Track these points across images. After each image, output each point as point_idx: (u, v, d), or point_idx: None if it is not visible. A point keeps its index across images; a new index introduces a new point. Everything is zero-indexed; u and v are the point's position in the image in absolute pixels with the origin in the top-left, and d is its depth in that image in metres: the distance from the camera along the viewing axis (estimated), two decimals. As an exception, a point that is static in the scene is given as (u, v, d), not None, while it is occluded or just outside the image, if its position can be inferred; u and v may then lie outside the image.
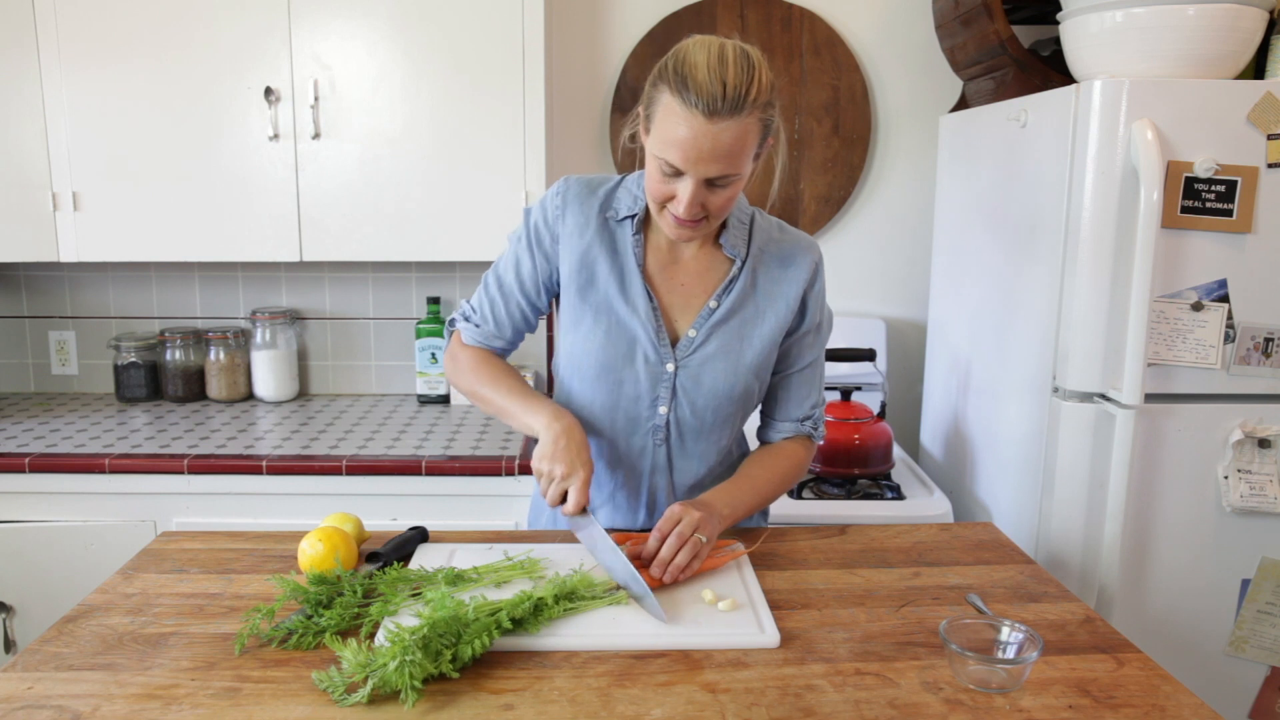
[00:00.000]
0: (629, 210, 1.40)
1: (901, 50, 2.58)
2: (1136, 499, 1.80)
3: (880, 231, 2.66)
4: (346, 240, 2.30)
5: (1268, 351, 1.77)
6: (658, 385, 1.40)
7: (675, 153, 1.21)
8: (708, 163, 1.21)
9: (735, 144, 1.20)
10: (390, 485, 2.09)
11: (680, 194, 1.24)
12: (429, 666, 1.01)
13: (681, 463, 1.45)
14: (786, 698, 1.03)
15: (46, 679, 1.05)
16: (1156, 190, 1.66)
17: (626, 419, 1.43)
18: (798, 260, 1.44)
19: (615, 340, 1.39)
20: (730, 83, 1.17)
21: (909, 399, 2.71)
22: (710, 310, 1.40)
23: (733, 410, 1.44)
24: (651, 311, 1.39)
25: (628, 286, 1.39)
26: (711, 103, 1.17)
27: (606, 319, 1.40)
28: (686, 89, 1.18)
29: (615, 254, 1.40)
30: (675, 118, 1.20)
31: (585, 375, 1.42)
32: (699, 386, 1.40)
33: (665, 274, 1.42)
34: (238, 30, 2.21)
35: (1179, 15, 1.72)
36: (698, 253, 1.42)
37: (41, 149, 2.25)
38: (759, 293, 1.42)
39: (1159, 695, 1.04)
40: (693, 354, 1.40)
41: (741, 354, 1.41)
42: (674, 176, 1.24)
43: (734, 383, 1.41)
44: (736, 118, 1.18)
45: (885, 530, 1.51)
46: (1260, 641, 1.85)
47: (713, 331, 1.40)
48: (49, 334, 2.67)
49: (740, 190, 1.30)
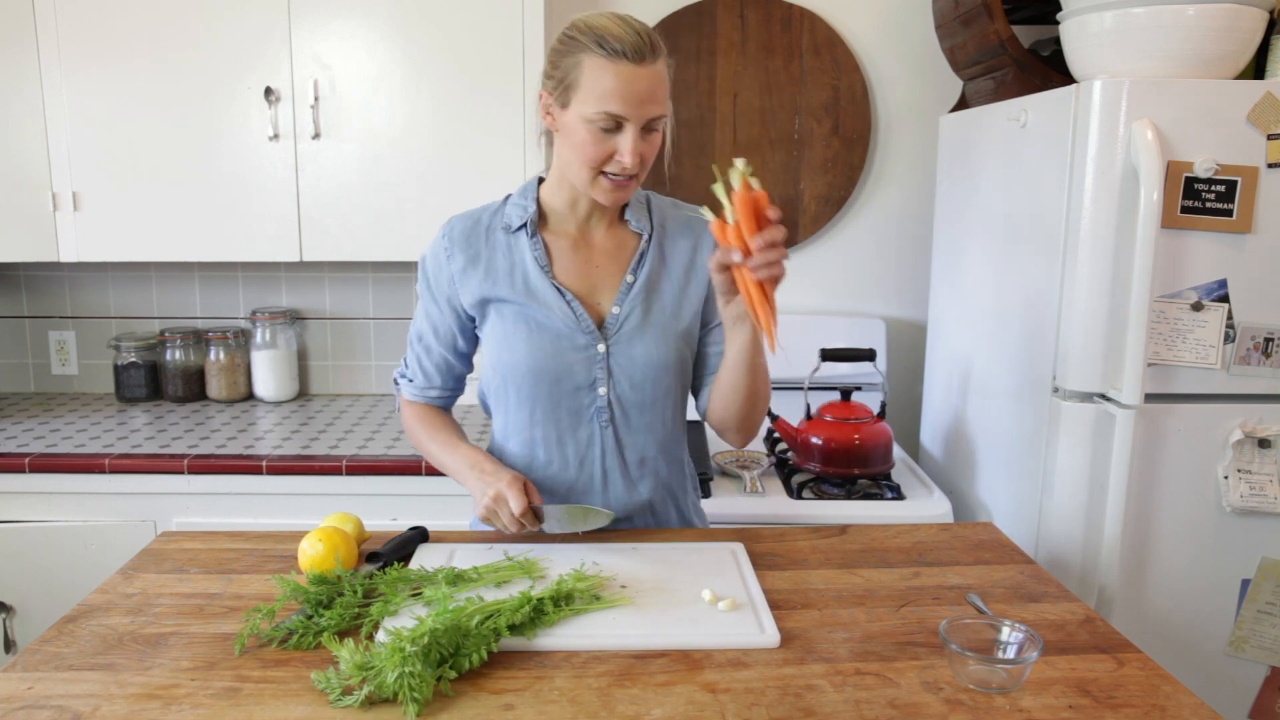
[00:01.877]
0: (520, 219, 1.45)
1: (901, 50, 2.58)
2: (1136, 499, 1.80)
3: (880, 231, 2.66)
4: (346, 240, 2.30)
5: (1268, 351, 1.77)
6: (593, 368, 1.44)
7: (616, 102, 1.27)
8: (646, 104, 1.29)
9: (661, 86, 1.31)
10: (390, 485, 2.09)
11: (622, 145, 1.30)
12: (429, 677, 1.01)
13: (629, 438, 1.47)
14: (786, 698, 1.03)
15: (46, 679, 1.05)
16: (1156, 190, 1.66)
17: (569, 413, 1.46)
18: (694, 226, 1.50)
19: (539, 343, 1.43)
20: (643, 32, 1.29)
21: (909, 399, 2.71)
22: (629, 285, 1.45)
23: (670, 380, 1.47)
24: (566, 304, 1.43)
25: (535, 289, 1.43)
26: (637, 48, 1.27)
27: (525, 326, 1.43)
28: (608, 43, 1.27)
29: (514, 265, 1.45)
30: (605, 72, 1.27)
31: (521, 384, 1.45)
32: (633, 360, 1.44)
33: (578, 261, 1.46)
34: (238, 30, 2.21)
35: (1179, 15, 1.72)
36: (606, 234, 1.48)
37: (41, 149, 2.25)
38: (670, 262, 1.48)
39: (1159, 695, 1.05)
40: (620, 329, 1.44)
41: (666, 322, 1.45)
42: (613, 131, 1.30)
43: (666, 350, 1.45)
44: (657, 60, 1.29)
45: (885, 530, 1.51)
46: (1260, 641, 1.86)
47: (635, 304, 1.45)
48: (49, 334, 2.67)
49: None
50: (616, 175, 1.33)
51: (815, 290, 2.68)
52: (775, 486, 2.13)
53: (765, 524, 1.92)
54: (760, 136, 2.58)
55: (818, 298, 2.69)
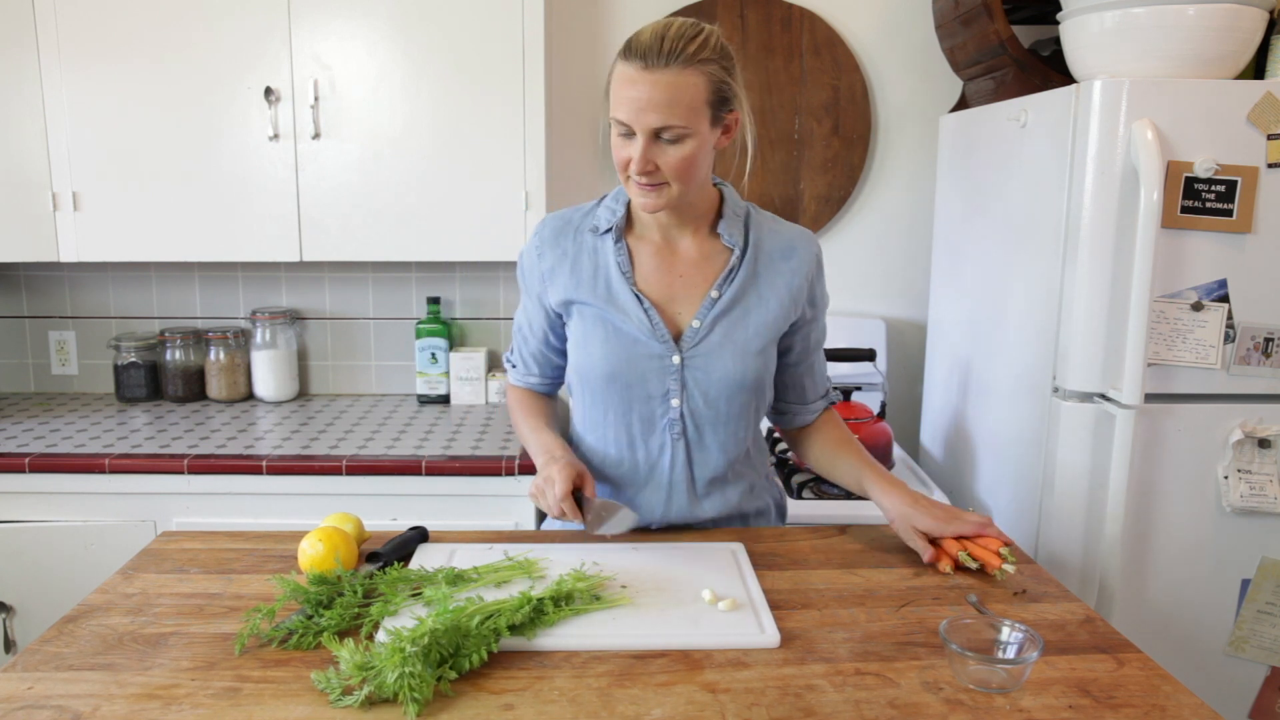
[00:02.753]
0: (608, 223, 1.46)
1: (901, 50, 2.58)
2: (1136, 499, 1.80)
3: (880, 231, 2.66)
4: (346, 240, 2.30)
5: (1268, 351, 1.77)
6: (666, 379, 1.43)
7: (621, 108, 1.28)
8: (648, 112, 1.26)
9: (674, 94, 1.26)
10: (390, 485, 2.09)
11: (634, 151, 1.30)
12: (429, 678, 1.01)
13: (700, 455, 1.47)
14: (786, 698, 1.03)
15: (46, 679, 1.05)
16: (1156, 190, 1.66)
17: (641, 421, 1.46)
18: (798, 250, 1.48)
19: (614, 347, 1.43)
20: (669, 38, 1.26)
21: (909, 399, 2.71)
22: (712, 300, 1.43)
23: (746, 399, 1.46)
24: (643, 311, 1.42)
25: (615, 294, 1.43)
26: (647, 54, 1.26)
27: (602, 329, 1.44)
28: (629, 50, 1.28)
29: (598, 268, 1.45)
30: (621, 78, 1.29)
31: (594, 386, 1.46)
32: (709, 376, 1.43)
33: (662, 269, 1.45)
34: (238, 30, 2.21)
35: (1179, 15, 1.72)
36: (695, 244, 1.46)
37: (41, 149, 2.25)
38: (760, 281, 1.45)
39: (1159, 695, 1.05)
40: (698, 344, 1.43)
41: (748, 341, 1.43)
42: (628, 137, 1.31)
43: (744, 370, 1.43)
44: (673, 68, 1.25)
45: (885, 530, 1.51)
46: (1260, 641, 1.86)
47: (717, 321, 1.43)
48: (49, 334, 2.67)
49: (699, 154, 1.32)
50: (641, 181, 1.33)
51: (815, 290, 2.68)
52: (775, 486, 2.13)
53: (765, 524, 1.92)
54: (760, 136, 2.58)
55: (818, 298, 2.68)
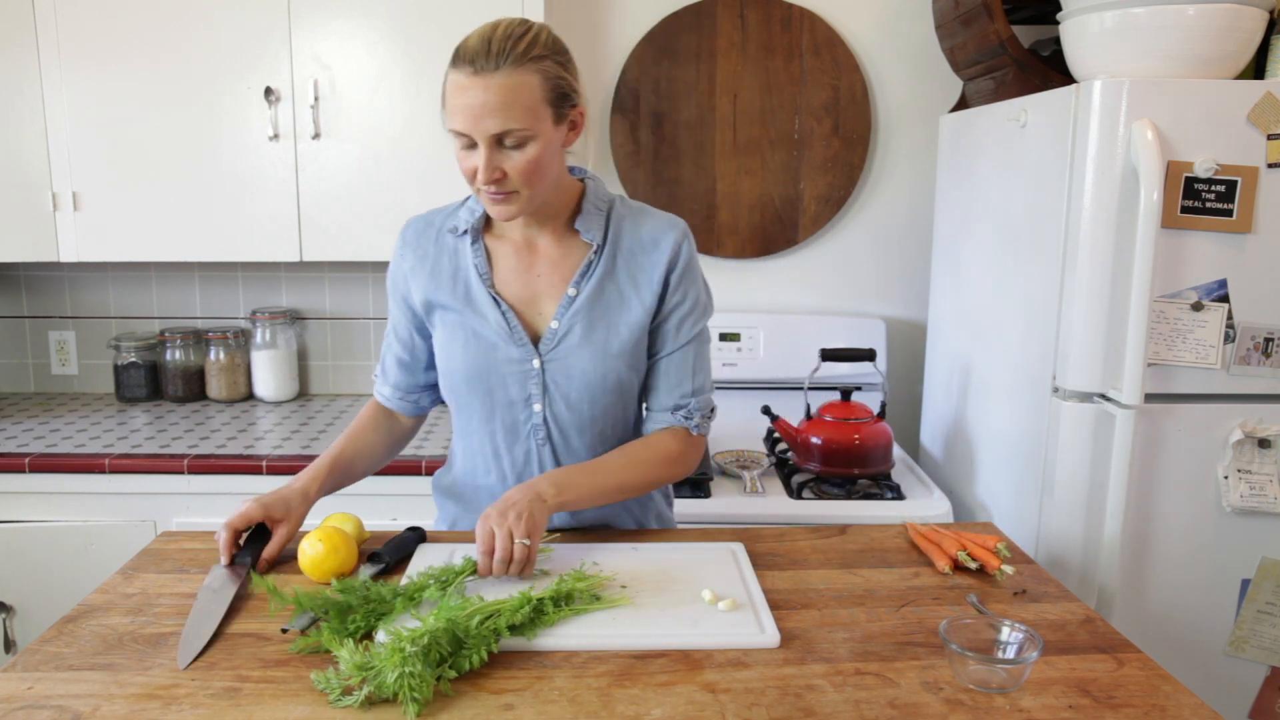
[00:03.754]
0: (466, 223, 1.42)
1: (901, 50, 2.58)
2: (1136, 499, 1.80)
3: (880, 231, 2.66)
4: (346, 240, 2.30)
5: (1268, 351, 1.77)
6: (527, 383, 1.40)
7: (456, 118, 1.24)
8: (483, 118, 1.22)
9: (509, 96, 1.21)
10: (390, 485, 2.09)
11: (477, 161, 1.25)
12: (429, 678, 1.01)
13: (568, 460, 1.43)
14: (786, 698, 1.03)
15: (46, 679, 1.05)
16: (1156, 190, 1.66)
17: (504, 427, 1.43)
18: (660, 242, 1.40)
19: (473, 351, 1.40)
20: (495, 39, 1.22)
21: (909, 399, 2.71)
22: (570, 298, 1.39)
23: (609, 401, 1.41)
24: (500, 315, 1.39)
25: (473, 297, 1.40)
26: (475, 59, 1.21)
27: (462, 334, 1.40)
28: (457, 57, 1.24)
29: (458, 270, 1.41)
30: (454, 87, 1.24)
31: (458, 392, 1.43)
32: (569, 378, 1.39)
33: (520, 269, 1.41)
34: (238, 30, 2.21)
35: (1179, 15, 1.72)
36: (553, 242, 1.41)
37: (41, 149, 2.25)
38: (621, 277, 1.39)
39: (1159, 695, 1.05)
40: (557, 345, 1.39)
41: (608, 341, 1.38)
42: (470, 149, 1.26)
43: (604, 370, 1.38)
44: (504, 70, 1.21)
45: (885, 530, 1.51)
46: (1260, 641, 1.85)
47: (575, 320, 1.38)
48: (49, 334, 2.67)
49: (544, 155, 1.27)
50: (490, 190, 1.28)
51: (815, 290, 2.68)
52: (775, 486, 2.13)
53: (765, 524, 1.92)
54: (760, 136, 2.58)
55: (818, 298, 2.69)
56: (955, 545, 1.37)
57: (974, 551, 1.35)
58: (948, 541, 1.38)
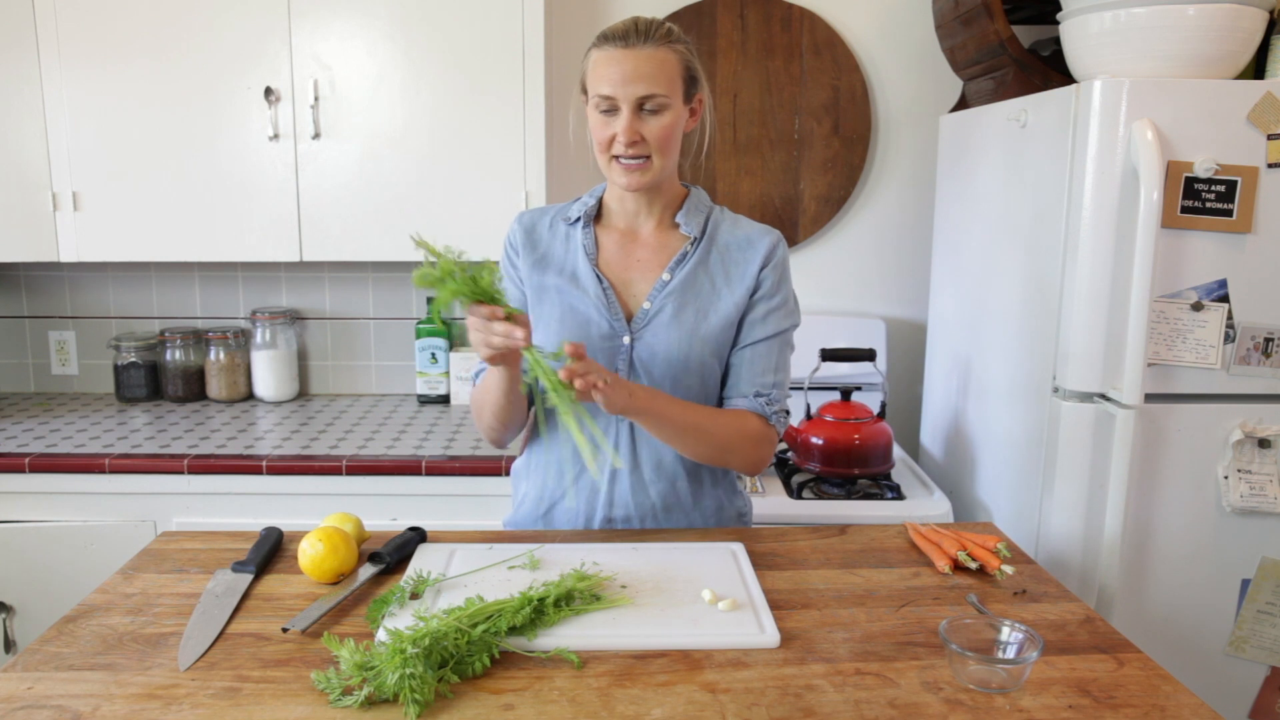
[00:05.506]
0: (579, 213, 1.53)
1: (901, 50, 2.58)
2: (1136, 499, 1.80)
3: (880, 231, 2.66)
4: (346, 240, 2.30)
5: (1268, 351, 1.77)
6: (615, 359, 1.47)
7: (605, 85, 1.38)
8: (632, 83, 1.37)
9: (655, 67, 1.37)
10: (390, 485, 2.09)
11: (618, 125, 1.39)
12: (430, 679, 1.01)
13: (645, 437, 1.48)
14: (786, 698, 1.03)
15: (46, 679, 1.05)
16: (1156, 190, 1.66)
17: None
18: (756, 242, 1.51)
19: (569, 323, 1.47)
20: (642, 23, 1.39)
21: (909, 399, 2.71)
22: (664, 282, 1.48)
23: (692, 383, 1.47)
24: (602, 291, 1.47)
25: (578, 274, 1.49)
26: (625, 35, 1.38)
27: (559, 307, 1.48)
28: (604, 37, 1.40)
29: (567, 253, 1.51)
30: (599, 62, 1.39)
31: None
32: (654, 356, 1.46)
33: (622, 254, 1.51)
34: (238, 30, 2.21)
35: (1179, 15, 1.72)
36: (655, 233, 1.52)
37: (41, 149, 2.25)
38: (714, 269, 1.49)
39: (1159, 695, 1.05)
40: (647, 325, 1.47)
41: (696, 325, 1.46)
42: (611, 114, 1.40)
43: (688, 352, 1.45)
44: (650, 44, 1.38)
45: (885, 530, 1.51)
46: (1260, 641, 1.86)
47: (667, 301, 1.47)
48: (49, 334, 2.67)
49: (676, 126, 1.42)
50: (625, 159, 1.40)
51: (815, 290, 2.68)
52: (775, 486, 2.13)
53: (765, 524, 1.92)
54: (760, 136, 2.58)
55: (818, 298, 2.69)
56: (955, 545, 1.37)
57: (974, 551, 1.35)
58: (948, 541, 1.38)
